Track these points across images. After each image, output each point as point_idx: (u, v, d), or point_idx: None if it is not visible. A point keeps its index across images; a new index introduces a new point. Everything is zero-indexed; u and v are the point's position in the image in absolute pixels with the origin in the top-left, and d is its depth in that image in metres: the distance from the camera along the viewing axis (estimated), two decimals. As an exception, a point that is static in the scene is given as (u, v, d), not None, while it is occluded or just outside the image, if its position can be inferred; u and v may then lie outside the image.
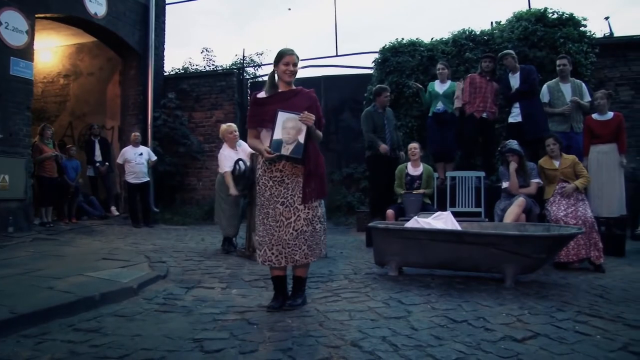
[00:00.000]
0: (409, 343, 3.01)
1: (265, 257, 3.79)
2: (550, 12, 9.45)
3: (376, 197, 7.57)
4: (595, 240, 5.54)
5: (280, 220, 3.75)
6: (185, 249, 6.89)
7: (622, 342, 3.06)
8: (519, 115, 7.48)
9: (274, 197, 3.78)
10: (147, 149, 10.37)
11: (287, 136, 3.70)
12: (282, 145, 3.69)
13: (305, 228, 3.76)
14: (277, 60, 3.93)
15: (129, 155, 9.94)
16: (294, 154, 3.69)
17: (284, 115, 3.73)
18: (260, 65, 13.75)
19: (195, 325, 3.39)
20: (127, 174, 9.97)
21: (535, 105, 7.47)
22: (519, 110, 7.51)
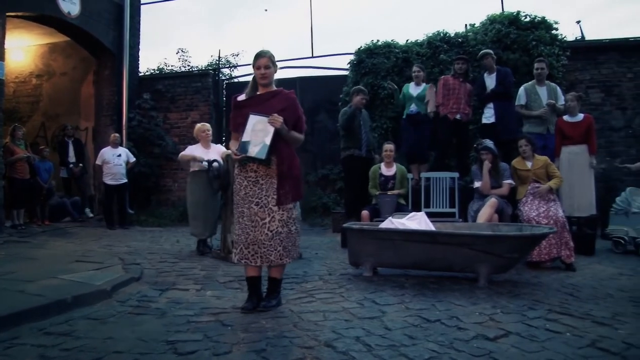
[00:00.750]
0: (382, 343, 3.03)
1: (242, 255, 3.81)
2: (523, 16, 9.58)
3: (351, 198, 7.59)
4: (567, 239, 5.64)
5: (256, 220, 3.76)
6: (160, 251, 6.83)
7: (591, 339, 3.13)
8: (493, 116, 7.59)
9: (249, 197, 3.80)
10: (125, 150, 10.27)
11: (255, 138, 3.71)
12: (248, 147, 3.70)
13: (281, 229, 3.77)
14: (253, 64, 4.02)
15: (108, 157, 9.83)
16: (258, 155, 3.70)
17: (255, 117, 3.76)
18: (236, 66, 13.74)
19: (169, 327, 3.37)
20: (104, 175, 9.85)
21: (508, 107, 7.60)
22: (492, 111, 7.61)
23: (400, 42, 10.16)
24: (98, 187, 11.61)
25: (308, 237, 8.42)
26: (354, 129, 7.48)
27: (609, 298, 4.30)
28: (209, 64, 13.45)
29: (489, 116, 7.68)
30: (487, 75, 7.83)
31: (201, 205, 6.62)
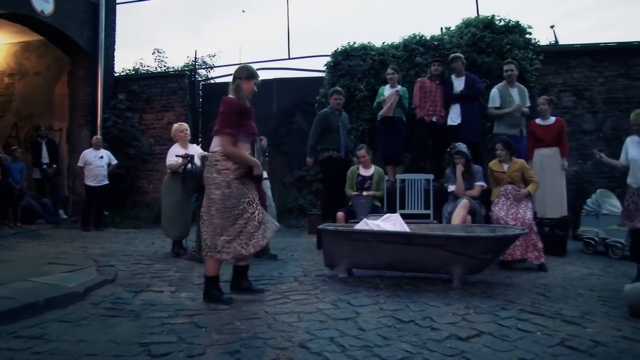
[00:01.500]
0: (356, 343, 3.06)
1: (258, 244, 4.24)
2: (497, 20, 9.69)
3: (328, 200, 7.59)
4: (534, 241, 5.74)
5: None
6: (135, 253, 6.78)
7: (560, 338, 3.20)
8: (459, 117, 7.68)
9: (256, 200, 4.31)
10: (108, 152, 10.13)
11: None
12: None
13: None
14: (249, 76, 4.43)
15: (90, 158, 9.72)
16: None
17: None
18: (213, 67, 13.68)
19: (143, 330, 3.36)
20: (86, 176, 9.72)
21: (473, 110, 7.71)
22: (458, 113, 7.69)
23: (377, 45, 10.21)
24: (72, 188, 11.46)
25: (284, 238, 8.42)
26: (332, 131, 7.50)
27: (578, 298, 4.40)
28: (185, 64, 13.39)
29: (454, 118, 7.76)
30: (455, 78, 7.93)
31: (176, 206, 6.57)
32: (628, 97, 10.03)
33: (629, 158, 5.28)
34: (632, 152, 5.24)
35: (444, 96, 7.99)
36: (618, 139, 9.60)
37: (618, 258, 6.42)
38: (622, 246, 6.44)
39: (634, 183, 5.19)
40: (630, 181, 5.25)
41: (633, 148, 5.25)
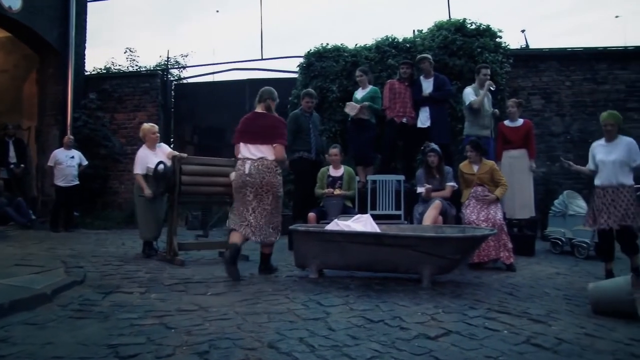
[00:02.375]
0: (325, 343, 3.06)
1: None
2: (469, 23, 9.80)
3: (300, 201, 7.61)
4: (505, 241, 5.83)
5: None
6: (105, 254, 6.70)
7: (526, 336, 3.26)
8: (428, 120, 7.74)
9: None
10: (79, 153, 9.97)
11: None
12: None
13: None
14: (274, 98, 5.50)
15: (60, 158, 9.58)
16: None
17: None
18: (185, 67, 13.60)
19: (111, 331, 3.31)
20: (56, 177, 9.58)
21: (443, 112, 7.79)
22: (427, 115, 7.76)
23: (350, 46, 10.25)
24: (41, 188, 11.26)
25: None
26: (303, 132, 7.51)
27: (545, 296, 4.49)
28: (158, 64, 13.30)
29: (424, 120, 7.82)
30: (424, 79, 7.99)
31: (147, 207, 6.52)
32: (594, 100, 10.28)
33: (596, 160, 5.38)
34: (599, 154, 5.35)
35: (413, 98, 8.03)
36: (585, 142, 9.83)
37: (583, 257, 6.57)
38: (587, 246, 6.58)
39: (600, 183, 5.30)
40: (597, 182, 5.35)
41: (600, 151, 5.36)
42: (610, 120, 5.31)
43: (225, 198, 6.66)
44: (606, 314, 3.84)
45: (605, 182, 5.25)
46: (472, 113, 7.49)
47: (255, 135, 5.27)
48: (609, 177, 5.23)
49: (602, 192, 5.28)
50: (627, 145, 5.22)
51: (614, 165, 5.20)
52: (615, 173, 5.19)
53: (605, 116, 5.36)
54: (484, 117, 7.44)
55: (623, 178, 5.18)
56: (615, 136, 5.31)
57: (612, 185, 5.20)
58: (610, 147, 5.30)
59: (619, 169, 5.19)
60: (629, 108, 10.20)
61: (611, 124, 5.29)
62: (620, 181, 5.17)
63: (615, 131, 5.31)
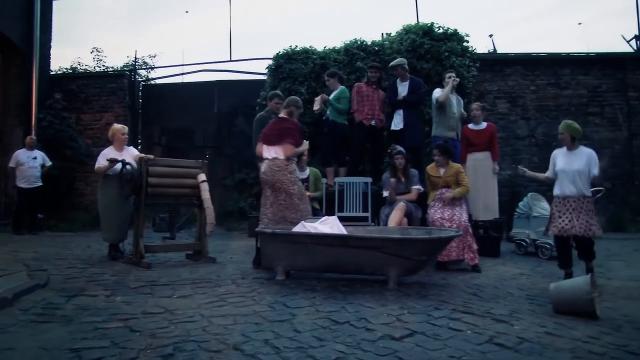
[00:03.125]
0: (291, 345, 3.06)
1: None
2: (436, 27, 9.93)
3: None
4: (469, 242, 5.91)
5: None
6: (70, 257, 6.59)
7: (489, 335, 3.31)
8: (401, 122, 7.79)
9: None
10: (42, 153, 9.80)
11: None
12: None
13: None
14: (299, 107, 6.15)
15: (22, 159, 9.41)
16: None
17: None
18: (153, 67, 13.47)
19: (75, 335, 3.26)
20: (18, 178, 9.40)
21: (416, 115, 7.85)
22: (401, 118, 7.81)
23: (318, 49, 10.29)
24: (4, 190, 11.02)
25: (224, 241, 8.38)
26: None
27: (508, 297, 4.55)
28: (125, 65, 13.13)
29: (397, 123, 7.86)
30: (400, 83, 8.02)
31: (113, 208, 6.43)
32: (557, 105, 10.54)
33: (556, 169, 5.43)
34: (559, 163, 5.40)
35: (389, 102, 8.07)
36: (548, 145, 10.08)
37: (547, 258, 6.69)
38: (551, 247, 6.71)
39: (560, 193, 5.35)
40: (556, 192, 5.40)
41: (560, 159, 5.42)
42: (562, 129, 5.42)
43: (192, 199, 6.62)
44: (566, 313, 3.91)
45: (566, 192, 5.29)
46: (439, 114, 7.58)
47: (271, 137, 5.86)
48: (570, 187, 5.27)
49: (562, 201, 5.32)
50: (588, 156, 5.29)
51: (575, 176, 5.25)
52: (576, 183, 5.24)
53: (561, 125, 5.48)
54: (450, 118, 7.54)
55: (583, 189, 5.25)
56: (576, 146, 5.38)
57: (573, 195, 5.25)
58: (572, 156, 5.35)
59: (579, 180, 5.24)
60: (590, 113, 10.49)
61: (562, 133, 5.40)
62: (582, 192, 5.23)
63: (568, 140, 5.37)
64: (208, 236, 6.44)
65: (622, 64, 10.78)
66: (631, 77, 10.71)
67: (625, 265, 6.27)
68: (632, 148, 10.59)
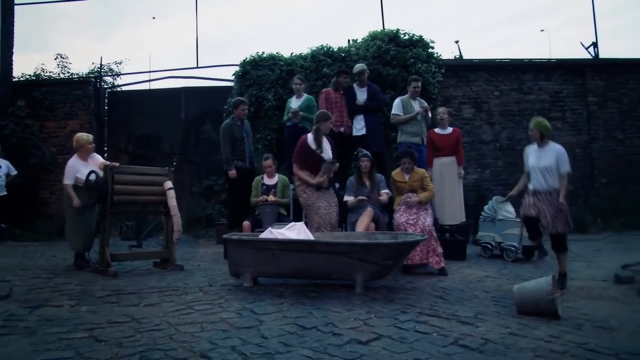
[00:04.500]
0: (258, 351, 3.07)
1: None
2: (402, 33, 10.04)
3: (235, 210, 7.55)
4: (434, 246, 5.98)
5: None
6: (34, 267, 6.47)
7: (454, 337, 3.37)
8: (364, 128, 7.81)
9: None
10: (6, 162, 9.60)
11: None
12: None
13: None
14: (327, 118, 6.32)
15: None
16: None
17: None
18: (119, 74, 13.30)
19: (38, 346, 3.20)
20: None
21: (377, 120, 7.90)
22: (363, 123, 7.82)
23: (285, 55, 10.32)
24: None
25: (191, 248, 8.33)
26: (237, 141, 7.48)
27: (474, 299, 4.63)
28: (91, 71, 12.94)
29: (359, 128, 7.85)
30: (358, 88, 8.01)
31: (79, 217, 6.35)
32: (521, 109, 10.75)
33: (528, 165, 5.65)
34: (530, 160, 5.62)
35: (348, 107, 8.06)
36: (512, 149, 10.29)
37: (512, 260, 6.80)
38: (515, 249, 6.83)
39: (532, 188, 5.54)
40: (530, 187, 5.58)
41: (532, 156, 5.63)
42: (531, 126, 5.63)
43: (159, 207, 6.56)
44: (529, 313, 4.01)
45: (537, 187, 5.49)
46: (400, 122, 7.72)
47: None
48: (540, 183, 5.47)
49: (534, 195, 5.52)
50: (556, 152, 5.46)
51: (544, 172, 5.44)
52: (545, 178, 5.43)
53: (531, 122, 5.69)
54: (413, 124, 7.63)
55: (550, 185, 5.41)
56: (546, 142, 5.56)
57: (544, 189, 5.43)
58: (541, 152, 5.55)
59: (548, 175, 5.42)
60: (552, 117, 10.69)
61: (531, 130, 5.62)
62: (551, 186, 5.40)
63: (537, 136, 5.56)
64: (175, 244, 6.39)
65: (582, 70, 11.06)
66: (590, 83, 11.01)
67: (587, 266, 6.42)
68: (592, 152, 10.87)
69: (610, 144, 10.97)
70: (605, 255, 7.19)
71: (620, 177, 10.86)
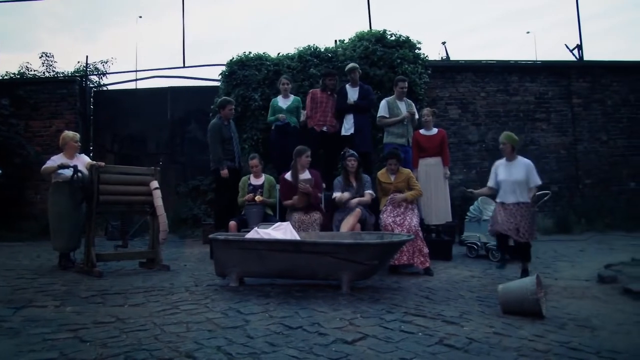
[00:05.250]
0: (243, 351, 3.06)
1: None
2: (389, 34, 10.09)
3: (222, 209, 7.54)
4: (420, 246, 6.02)
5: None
6: (18, 267, 6.40)
7: (439, 337, 3.38)
8: (352, 128, 7.83)
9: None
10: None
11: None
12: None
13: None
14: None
15: None
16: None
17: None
18: (105, 73, 13.23)
19: (21, 347, 3.17)
20: None
21: (366, 121, 7.91)
22: (352, 123, 7.85)
23: (272, 55, 10.31)
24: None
25: (178, 249, 8.30)
26: (225, 141, 7.47)
27: (459, 299, 4.66)
28: (76, 70, 12.85)
29: (348, 128, 7.89)
30: (350, 87, 8.05)
31: (64, 217, 6.29)
32: (506, 111, 10.85)
33: (497, 180, 6.00)
34: (500, 174, 5.98)
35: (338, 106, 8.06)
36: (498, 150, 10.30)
37: (497, 261, 6.84)
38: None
39: (501, 200, 5.94)
40: (498, 200, 5.99)
41: (501, 171, 5.98)
42: (503, 139, 5.97)
43: (145, 207, 6.53)
44: (514, 313, 4.04)
45: (506, 200, 5.87)
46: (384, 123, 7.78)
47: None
48: (510, 196, 5.84)
49: (499, 207, 5.93)
50: (526, 166, 5.85)
51: (515, 185, 5.82)
52: (515, 192, 5.81)
53: (501, 136, 6.04)
54: (398, 126, 7.69)
55: (521, 196, 5.79)
56: (514, 156, 5.95)
57: (513, 202, 5.82)
58: (511, 166, 5.93)
59: (518, 189, 5.81)
60: (537, 118, 10.86)
61: (503, 143, 5.94)
62: (519, 199, 5.79)
63: (509, 150, 5.94)
64: (161, 244, 6.36)
65: (567, 72, 11.20)
66: (574, 85, 11.15)
67: (571, 266, 6.48)
68: (576, 153, 10.98)
69: (594, 145, 11.11)
70: (588, 256, 7.27)
71: (604, 178, 11.01)
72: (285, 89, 8.13)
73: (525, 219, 5.69)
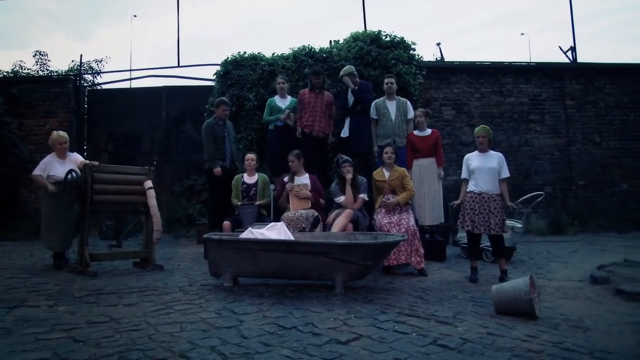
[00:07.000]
0: (237, 351, 3.07)
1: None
2: (383, 35, 10.08)
3: (215, 209, 7.51)
4: (417, 247, 6.03)
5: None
6: (11, 266, 6.37)
7: (433, 337, 3.41)
8: (347, 130, 7.83)
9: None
10: None
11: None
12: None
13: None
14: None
15: None
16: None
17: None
18: (99, 72, 13.18)
19: (14, 347, 3.16)
20: None
21: (362, 122, 7.86)
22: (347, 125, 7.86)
23: (267, 55, 10.28)
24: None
25: (172, 248, 8.28)
26: (218, 141, 7.46)
27: (453, 299, 4.69)
28: (70, 69, 12.80)
29: (345, 130, 7.90)
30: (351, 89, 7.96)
31: (57, 216, 6.27)
32: (501, 112, 10.88)
33: (471, 168, 6.00)
34: (474, 163, 6.00)
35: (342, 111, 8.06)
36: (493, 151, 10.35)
37: (490, 261, 6.87)
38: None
39: (476, 188, 5.88)
40: (471, 188, 5.94)
41: (475, 159, 6.03)
42: (482, 132, 6.01)
43: (139, 206, 6.52)
44: (508, 313, 4.08)
45: (482, 188, 5.85)
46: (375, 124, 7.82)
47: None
48: (486, 183, 5.85)
49: (477, 197, 5.86)
50: (498, 158, 5.94)
51: (489, 173, 5.86)
52: (489, 180, 5.85)
53: (478, 129, 6.08)
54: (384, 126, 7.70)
55: (494, 187, 5.84)
56: (487, 149, 6.03)
57: (488, 191, 5.82)
58: (485, 157, 5.98)
59: (493, 177, 5.86)
60: (531, 120, 10.89)
61: (482, 136, 5.99)
62: (491, 189, 5.82)
63: (487, 142, 6.01)
64: (155, 243, 6.35)
65: (560, 74, 11.23)
66: (568, 86, 11.19)
67: (564, 267, 6.52)
68: (569, 154, 11.03)
69: (587, 146, 11.16)
70: (581, 256, 7.31)
71: (597, 180, 11.07)
72: (282, 89, 8.10)
73: (497, 211, 5.72)
